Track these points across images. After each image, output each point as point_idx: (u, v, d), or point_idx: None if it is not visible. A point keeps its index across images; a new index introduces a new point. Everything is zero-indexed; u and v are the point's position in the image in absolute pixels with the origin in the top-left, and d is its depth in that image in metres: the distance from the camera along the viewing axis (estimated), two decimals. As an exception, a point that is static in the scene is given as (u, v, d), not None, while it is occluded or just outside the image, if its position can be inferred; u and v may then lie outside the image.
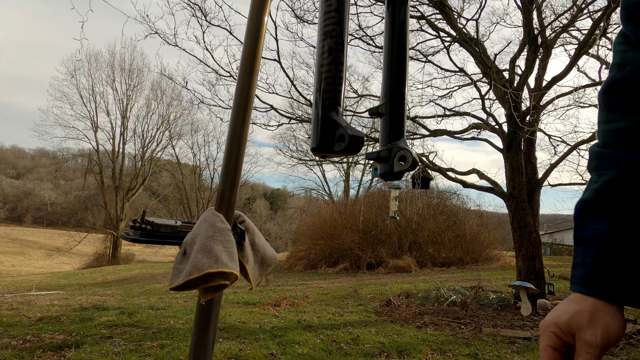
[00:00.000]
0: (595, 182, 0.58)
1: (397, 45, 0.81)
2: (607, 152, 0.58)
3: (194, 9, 5.66)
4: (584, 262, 0.56)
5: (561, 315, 0.54)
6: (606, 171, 0.57)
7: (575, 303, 0.54)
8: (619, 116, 0.58)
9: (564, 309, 0.55)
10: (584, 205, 0.58)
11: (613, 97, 0.59)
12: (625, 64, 0.59)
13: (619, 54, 0.61)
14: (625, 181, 0.55)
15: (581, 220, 0.58)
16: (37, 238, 36.41)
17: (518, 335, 4.09)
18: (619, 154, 0.56)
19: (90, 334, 3.75)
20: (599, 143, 0.61)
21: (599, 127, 0.61)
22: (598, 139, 0.61)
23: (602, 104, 0.61)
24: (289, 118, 7.22)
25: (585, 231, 0.57)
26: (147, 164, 28.04)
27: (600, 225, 0.55)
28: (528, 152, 6.05)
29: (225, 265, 0.81)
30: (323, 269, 12.15)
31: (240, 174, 0.93)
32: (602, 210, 0.56)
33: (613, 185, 0.55)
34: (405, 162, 0.74)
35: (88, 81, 26.40)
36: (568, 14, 6.29)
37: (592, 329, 0.51)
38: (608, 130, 0.59)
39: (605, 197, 0.56)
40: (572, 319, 0.53)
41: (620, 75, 0.59)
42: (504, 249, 15.46)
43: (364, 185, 24.04)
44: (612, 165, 0.56)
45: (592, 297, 0.53)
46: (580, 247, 0.57)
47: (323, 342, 3.76)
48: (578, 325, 0.53)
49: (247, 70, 0.91)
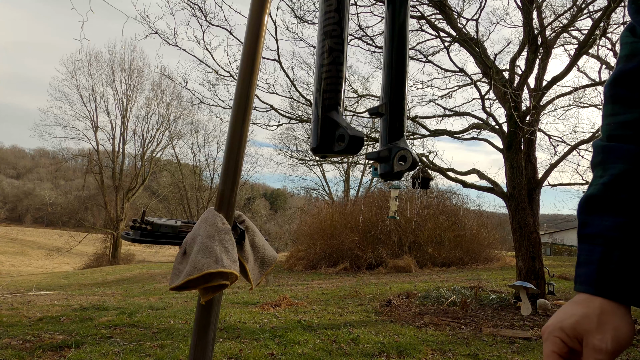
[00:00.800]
0: (602, 177, 0.55)
1: (397, 45, 0.81)
2: (614, 145, 0.56)
3: (194, 9, 5.66)
4: (589, 261, 0.53)
5: (566, 319, 0.51)
6: (613, 165, 0.54)
7: (582, 305, 0.51)
8: (627, 108, 0.56)
9: (569, 312, 0.52)
10: (589, 200, 0.55)
11: (621, 88, 0.58)
12: (634, 55, 0.58)
13: (627, 45, 0.60)
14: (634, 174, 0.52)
15: (586, 216, 0.55)
16: (37, 238, 36.41)
17: (518, 335, 4.09)
18: (626, 146, 0.54)
19: (90, 334, 3.75)
20: (602, 137, 0.59)
21: (604, 121, 0.59)
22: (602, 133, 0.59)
23: (608, 96, 0.59)
24: (289, 118, 7.22)
25: (591, 227, 0.54)
26: (147, 164, 28.04)
27: (607, 222, 0.52)
28: (528, 152, 6.05)
29: (225, 265, 0.81)
30: (323, 269, 12.15)
31: (240, 174, 0.93)
32: (609, 205, 0.53)
33: (621, 179, 0.53)
34: (405, 162, 0.74)
35: (88, 81, 26.43)
36: (568, 14, 6.30)
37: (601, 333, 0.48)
38: (614, 122, 0.57)
39: (613, 192, 0.53)
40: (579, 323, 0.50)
41: (630, 66, 0.58)
42: (504, 249, 15.46)
43: (364, 185, 24.08)
44: (619, 158, 0.54)
45: (599, 298, 0.50)
46: (585, 245, 0.54)
47: (323, 342, 3.76)
48: (585, 330, 0.49)
49: (247, 70, 0.91)
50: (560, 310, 0.53)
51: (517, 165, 5.72)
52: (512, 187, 5.72)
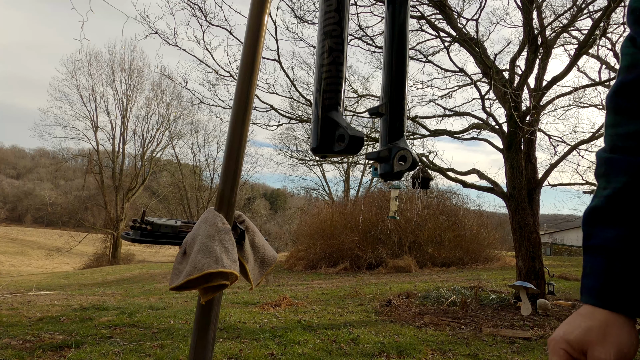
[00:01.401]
0: (605, 189, 0.56)
1: (397, 45, 0.81)
2: (616, 157, 0.56)
3: (194, 9, 5.66)
4: (593, 272, 0.54)
5: (572, 332, 0.52)
6: (616, 177, 0.55)
7: (586, 318, 0.52)
8: (629, 119, 0.56)
9: (575, 324, 0.52)
10: (592, 212, 0.56)
11: (622, 99, 0.58)
12: (634, 65, 0.58)
13: (628, 56, 0.60)
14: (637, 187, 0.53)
15: (590, 228, 0.56)
16: (37, 238, 36.40)
17: (518, 335, 4.09)
18: (629, 158, 0.55)
19: (90, 334, 3.75)
20: (606, 147, 0.59)
21: (607, 131, 0.59)
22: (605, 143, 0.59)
23: (610, 107, 0.59)
24: (289, 118, 7.22)
25: (594, 239, 0.55)
26: (147, 164, 28.05)
27: (610, 233, 0.53)
28: (528, 152, 6.05)
29: (225, 265, 0.81)
30: (323, 269, 12.15)
31: (240, 174, 0.93)
32: (612, 217, 0.54)
33: (624, 192, 0.53)
34: (405, 162, 0.74)
35: (88, 81, 26.47)
36: (568, 14, 6.30)
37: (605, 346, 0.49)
38: (617, 134, 0.57)
39: (616, 205, 0.54)
40: (583, 336, 0.50)
41: (630, 77, 0.58)
42: (504, 249, 15.45)
43: (364, 185, 24.07)
44: (622, 171, 0.54)
45: (603, 310, 0.51)
46: (588, 256, 0.55)
47: (323, 342, 3.76)
48: (589, 342, 0.50)
49: (247, 70, 0.91)
50: (566, 322, 0.54)
51: (517, 165, 5.72)
52: (512, 187, 5.72)
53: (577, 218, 11.89)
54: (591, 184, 7.36)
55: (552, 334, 0.55)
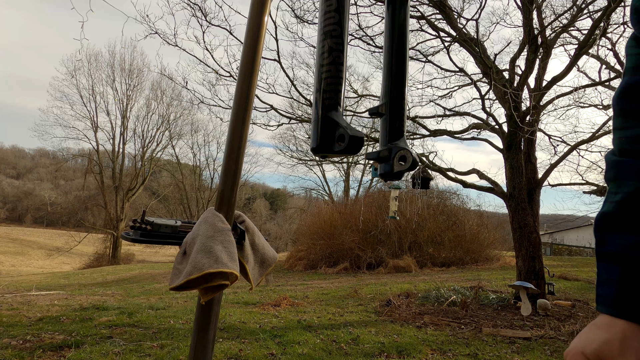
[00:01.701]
0: (616, 194, 0.54)
1: (397, 45, 0.81)
2: (626, 160, 0.55)
3: (194, 9, 5.66)
4: (609, 280, 0.52)
5: (589, 344, 0.50)
6: (627, 181, 0.53)
7: (604, 329, 0.50)
8: (637, 121, 0.55)
9: (592, 337, 0.51)
10: (604, 218, 0.55)
11: (629, 101, 0.56)
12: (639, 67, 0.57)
13: (633, 57, 0.58)
14: None
15: (602, 234, 0.54)
16: (37, 238, 36.40)
17: (518, 335, 4.09)
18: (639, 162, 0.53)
19: (90, 334, 3.75)
20: (614, 150, 0.57)
21: (615, 134, 0.58)
22: (614, 146, 0.58)
23: (617, 110, 0.58)
24: (289, 118, 7.22)
25: (608, 246, 0.53)
26: (147, 164, 28.05)
27: (624, 240, 0.51)
28: (528, 152, 6.04)
29: (225, 265, 0.81)
30: (323, 269, 12.15)
31: (240, 174, 0.93)
32: (624, 223, 0.52)
33: (635, 196, 0.52)
34: (405, 162, 0.74)
35: (88, 81, 26.47)
36: (568, 14, 6.30)
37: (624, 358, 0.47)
38: (625, 137, 0.56)
39: (628, 210, 0.52)
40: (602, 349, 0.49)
41: (636, 79, 0.56)
42: (504, 249, 15.45)
43: (364, 185, 24.08)
44: (632, 175, 0.53)
45: (621, 321, 0.49)
46: (603, 263, 0.54)
47: (323, 342, 3.76)
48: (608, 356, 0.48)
49: (247, 70, 0.91)
50: (583, 334, 0.52)
51: (517, 165, 5.72)
52: (512, 187, 5.72)
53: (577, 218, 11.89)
54: (591, 184, 7.35)
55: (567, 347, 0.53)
